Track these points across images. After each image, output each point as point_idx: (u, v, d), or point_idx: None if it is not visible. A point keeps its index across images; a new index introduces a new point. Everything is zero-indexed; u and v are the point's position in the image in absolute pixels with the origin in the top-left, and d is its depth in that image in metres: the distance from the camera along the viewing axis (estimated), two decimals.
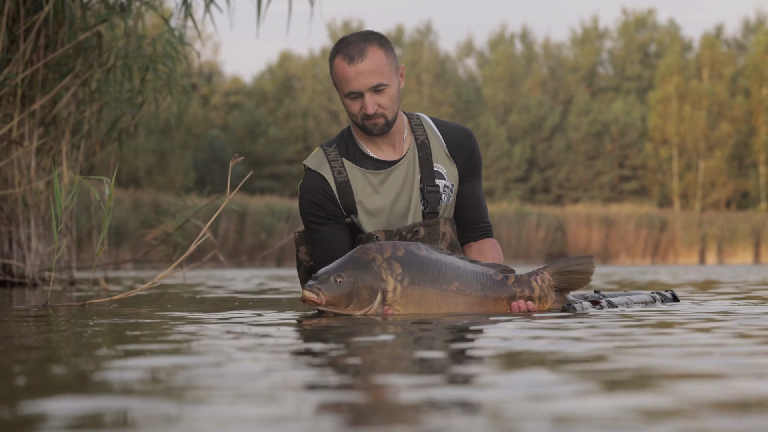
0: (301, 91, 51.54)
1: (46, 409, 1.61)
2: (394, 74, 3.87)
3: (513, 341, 2.72)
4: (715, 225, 36.52)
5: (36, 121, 8.45)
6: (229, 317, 3.91)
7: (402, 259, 3.68)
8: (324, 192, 3.93)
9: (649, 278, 10.62)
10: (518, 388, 1.81)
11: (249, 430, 1.44)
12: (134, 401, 1.70)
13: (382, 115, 3.84)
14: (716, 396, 1.71)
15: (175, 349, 2.65)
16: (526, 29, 57.86)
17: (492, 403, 1.65)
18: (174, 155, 37.92)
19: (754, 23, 55.50)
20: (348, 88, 3.83)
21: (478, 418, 1.52)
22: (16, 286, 8.51)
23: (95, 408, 1.62)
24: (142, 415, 1.56)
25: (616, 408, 1.60)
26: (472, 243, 4.15)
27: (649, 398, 1.70)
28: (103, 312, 4.41)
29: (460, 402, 1.67)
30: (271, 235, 27.99)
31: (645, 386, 1.84)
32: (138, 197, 26.53)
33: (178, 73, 9.06)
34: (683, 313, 3.85)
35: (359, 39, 3.86)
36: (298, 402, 1.68)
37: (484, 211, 4.16)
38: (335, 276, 3.58)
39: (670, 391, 1.77)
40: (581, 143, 51.71)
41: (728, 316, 3.69)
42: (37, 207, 8.66)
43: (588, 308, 3.97)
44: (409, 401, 1.68)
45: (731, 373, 2.01)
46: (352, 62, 3.80)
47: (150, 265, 16.70)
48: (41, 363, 2.34)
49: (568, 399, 1.68)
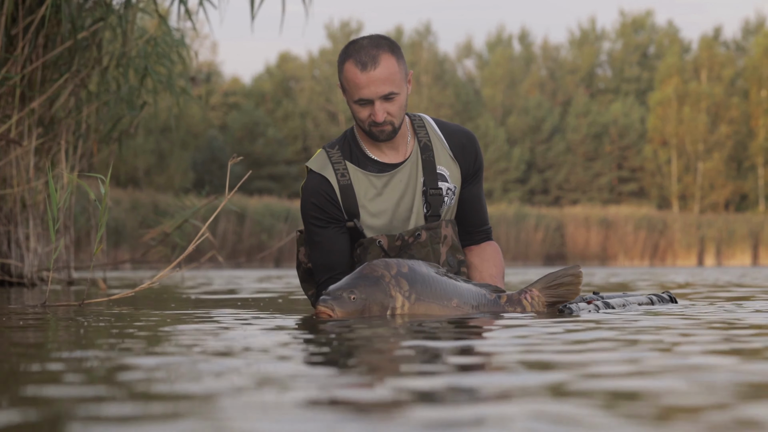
0: (300, 92, 51.56)
1: (38, 405, 1.60)
2: (404, 81, 3.84)
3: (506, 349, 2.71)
4: (714, 227, 36.55)
5: (34, 121, 8.44)
6: (230, 316, 3.91)
7: (408, 276, 3.72)
8: (327, 195, 3.90)
9: (646, 280, 10.62)
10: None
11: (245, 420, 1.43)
12: (126, 399, 1.69)
13: (390, 123, 3.82)
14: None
15: (170, 348, 2.64)
16: (524, 30, 57.91)
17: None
18: (173, 155, 37.94)
19: (754, 25, 55.53)
20: (358, 95, 3.79)
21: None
22: (14, 286, 8.50)
23: (84, 402, 1.61)
24: (133, 413, 1.55)
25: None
26: (473, 246, 4.16)
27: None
28: (100, 312, 4.40)
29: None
30: (269, 235, 27.99)
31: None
32: (137, 197, 26.54)
33: (176, 73, 9.06)
34: (674, 315, 3.84)
35: (371, 45, 3.82)
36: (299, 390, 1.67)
37: (485, 213, 4.17)
38: (348, 292, 3.61)
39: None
40: (580, 145, 51.75)
41: (724, 319, 3.68)
42: (36, 207, 8.65)
43: (584, 309, 3.98)
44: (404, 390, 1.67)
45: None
46: (364, 69, 3.77)
47: (148, 265, 16.70)
48: (35, 360, 2.33)
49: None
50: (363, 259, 3.91)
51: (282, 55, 53.60)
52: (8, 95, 8.33)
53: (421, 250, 3.94)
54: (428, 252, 3.95)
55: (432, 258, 3.96)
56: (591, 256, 34.77)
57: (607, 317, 3.68)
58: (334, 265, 3.91)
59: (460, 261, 4.04)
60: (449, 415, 1.53)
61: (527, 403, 1.63)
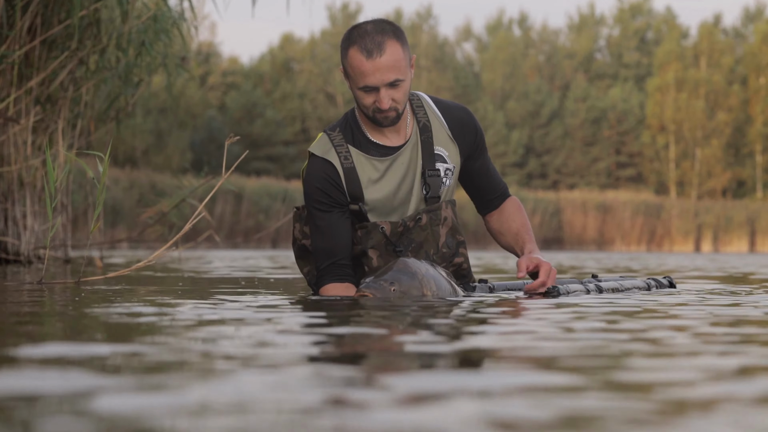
0: (299, 73, 51.48)
1: (33, 381, 1.60)
2: (408, 67, 3.83)
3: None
4: (711, 213, 36.57)
5: (32, 99, 8.43)
6: (229, 297, 3.92)
7: (433, 276, 3.76)
8: (331, 179, 3.88)
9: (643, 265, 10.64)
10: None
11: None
12: (119, 377, 1.69)
13: (394, 109, 3.80)
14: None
15: (165, 327, 2.65)
16: (523, 14, 57.80)
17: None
18: (171, 135, 37.91)
19: (753, 12, 55.44)
20: (363, 82, 3.77)
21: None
22: (11, 263, 8.51)
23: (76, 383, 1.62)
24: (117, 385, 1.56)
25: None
26: (494, 212, 4.21)
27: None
28: (96, 290, 4.40)
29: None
30: (267, 216, 28.00)
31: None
32: (134, 177, 26.53)
33: (172, 52, 9.03)
34: (662, 301, 3.85)
35: (376, 30, 3.79)
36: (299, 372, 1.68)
37: (497, 178, 4.20)
38: (389, 284, 3.65)
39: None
40: (578, 129, 51.72)
41: (721, 303, 3.69)
42: (33, 185, 8.65)
43: (574, 292, 3.98)
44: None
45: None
46: (370, 57, 3.74)
47: (145, 244, 16.71)
48: (29, 337, 2.34)
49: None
50: (364, 241, 3.91)
51: (285, 37, 53.51)
52: (6, 73, 8.31)
53: (421, 233, 3.95)
54: (428, 234, 3.95)
55: (431, 239, 3.96)
56: (588, 240, 34.80)
57: (590, 301, 3.68)
58: (336, 250, 3.89)
59: (459, 242, 4.04)
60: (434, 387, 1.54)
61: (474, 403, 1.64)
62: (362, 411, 1.39)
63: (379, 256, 3.93)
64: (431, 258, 3.97)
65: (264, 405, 1.43)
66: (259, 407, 1.41)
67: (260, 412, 1.38)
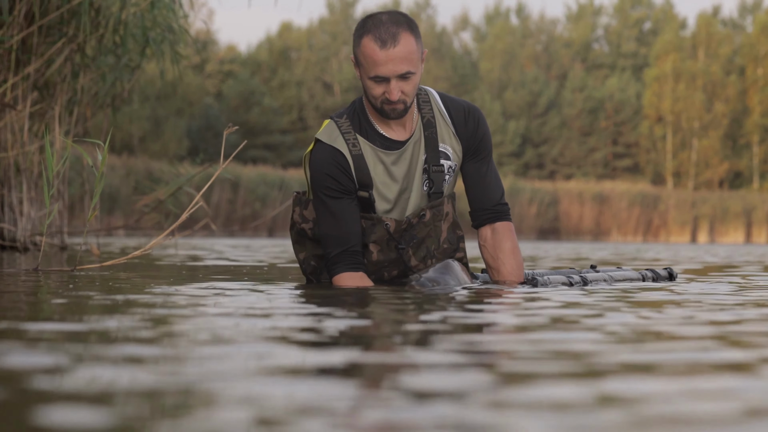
0: (297, 62, 51.42)
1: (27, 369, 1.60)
2: (420, 61, 3.80)
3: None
4: (708, 204, 36.59)
5: (29, 85, 8.41)
6: (223, 285, 3.91)
7: (465, 282, 3.83)
8: (340, 166, 3.84)
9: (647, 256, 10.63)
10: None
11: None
12: (112, 366, 1.68)
13: (402, 102, 3.76)
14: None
15: (162, 315, 2.64)
16: (521, 4, 57.73)
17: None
18: (168, 123, 37.87)
19: (751, 2, 55.40)
20: (375, 72, 3.73)
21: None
22: (7, 250, 8.50)
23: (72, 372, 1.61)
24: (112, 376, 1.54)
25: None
26: (485, 229, 4.02)
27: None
28: (92, 277, 4.39)
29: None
30: (264, 204, 27.98)
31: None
32: (131, 164, 26.50)
33: (169, 38, 9.00)
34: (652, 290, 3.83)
35: (391, 21, 3.76)
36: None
37: (496, 192, 4.02)
38: (434, 283, 3.71)
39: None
40: (576, 119, 51.72)
41: (722, 294, 3.68)
42: (30, 171, 8.63)
43: (553, 283, 3.94)
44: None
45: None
46: (384, 47, 3.71)
47: (142, 232, 16.70)
48: (23, 323, 2.33)
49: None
50: (367, 235, 3.89)
51: (284, 25, 53.44)
52: (4, 59, 8.28)
53: (424, 229, 3.94)
54: (430, 230, 3.94)
55: (433, 235, 3.95)
56: (584, 231, 34.81)
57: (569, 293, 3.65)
58: (348, 237, 3.84)
59: (459, 237, 4.03)
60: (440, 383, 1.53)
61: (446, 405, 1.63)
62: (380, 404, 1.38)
63: (380, 251, 3.92)
64: (432, 254, 3.96)
65: (267, 400, 1.42)
66: (263, 401, 1.40)
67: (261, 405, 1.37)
